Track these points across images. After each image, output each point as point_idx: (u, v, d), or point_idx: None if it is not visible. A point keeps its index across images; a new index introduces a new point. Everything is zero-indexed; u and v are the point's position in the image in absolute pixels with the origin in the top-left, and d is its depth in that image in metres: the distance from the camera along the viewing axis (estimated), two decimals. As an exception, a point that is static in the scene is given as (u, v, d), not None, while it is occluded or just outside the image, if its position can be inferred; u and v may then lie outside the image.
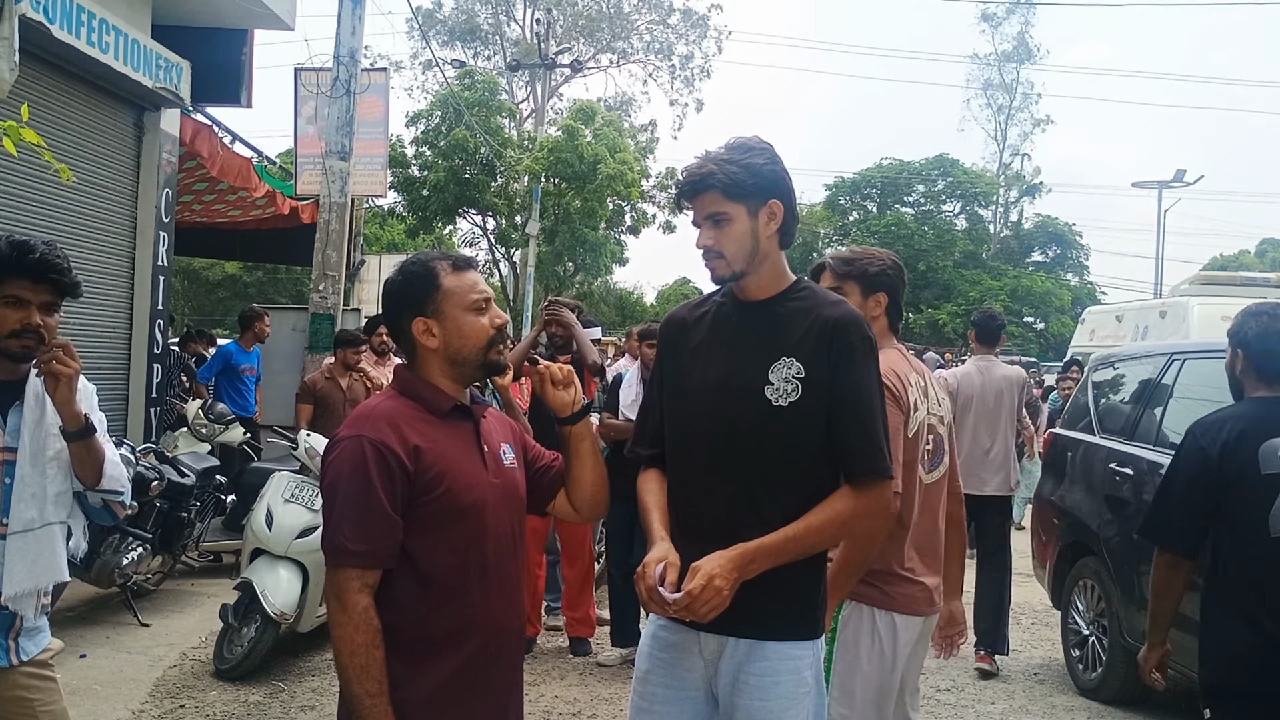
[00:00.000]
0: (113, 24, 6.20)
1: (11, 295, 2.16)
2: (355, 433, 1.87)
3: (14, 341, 2.16)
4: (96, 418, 2.33)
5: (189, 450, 6.71)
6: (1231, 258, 39.27)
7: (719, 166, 2.03)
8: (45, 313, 2.20)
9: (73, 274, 2.24)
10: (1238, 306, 3.41)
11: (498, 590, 1.96)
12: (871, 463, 2.00)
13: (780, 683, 2.01)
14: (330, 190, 8.18)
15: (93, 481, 2.29)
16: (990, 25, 35.45)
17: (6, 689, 2.19)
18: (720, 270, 2.09)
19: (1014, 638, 5.92)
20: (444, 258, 2.01)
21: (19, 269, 2.16)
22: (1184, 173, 25.93)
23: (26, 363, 2.22)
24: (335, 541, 1.82)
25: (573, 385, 2.11)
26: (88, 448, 2.26)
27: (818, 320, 2.02)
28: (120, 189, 6.91)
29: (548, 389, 2.10)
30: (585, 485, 2.13)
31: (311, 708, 4.41)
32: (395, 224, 25.22)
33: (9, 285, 2.16)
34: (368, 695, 1.78)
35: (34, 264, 2.17)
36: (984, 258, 32.93)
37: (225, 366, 8.29)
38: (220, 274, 25.70)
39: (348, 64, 8.08)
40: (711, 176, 2.03)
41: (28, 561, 2.18)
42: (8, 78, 4.64)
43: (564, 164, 20.96)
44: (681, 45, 33.05)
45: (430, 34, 31.87)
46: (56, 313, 2.24)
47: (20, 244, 2.18)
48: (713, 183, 2.03)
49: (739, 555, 1.92)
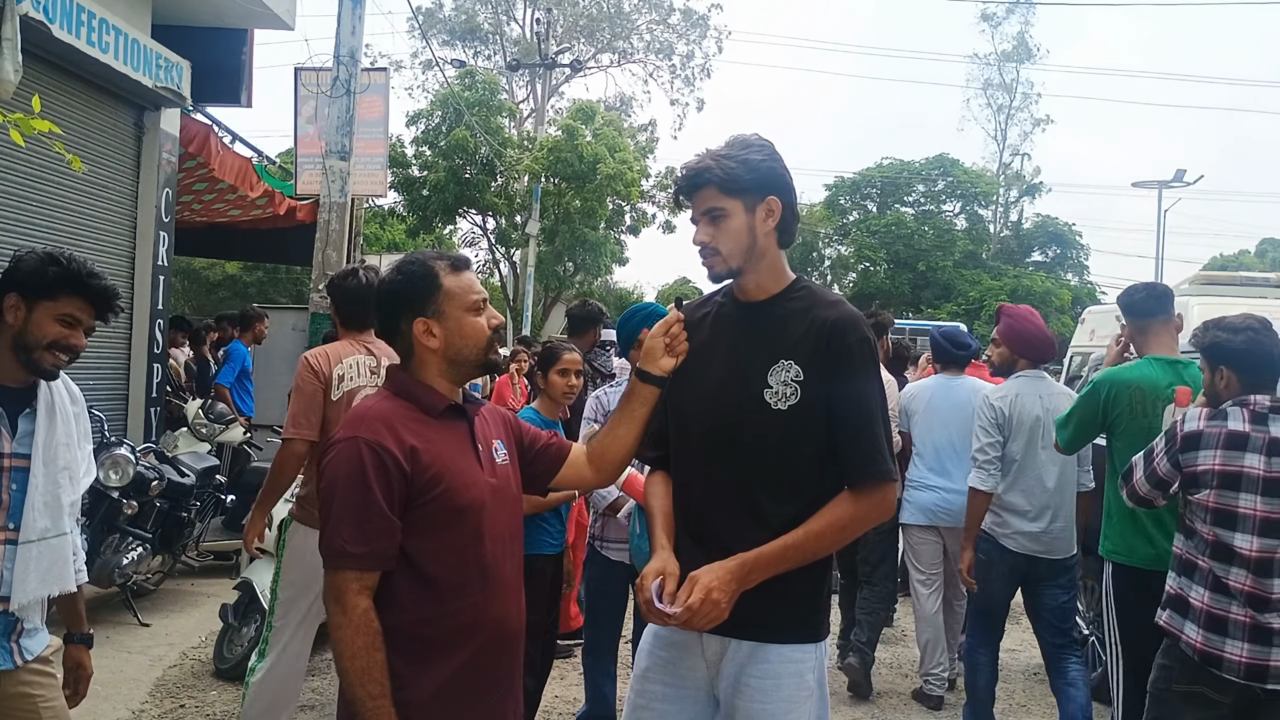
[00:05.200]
0: (113, 24, 6.21)
1: (69, 314, 2.18)
2: (351, 434, 1.87)
3: (48, 355, 2.16)
4: (84, 425, 2.35)
5: (189, 450, 6.72)
6: (1231, 258, 39.22)
7: (716, 162, 2.03)
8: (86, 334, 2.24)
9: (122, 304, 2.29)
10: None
11: (497, 590, 1.96)
12: (872, 466, 1.99)
13: (782, 685, 2.00)
14: (330, 190, 8.17)
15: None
16: (990, 25, 35.41)
17: (10, 686, 2.20)
18: (717, 267, 2.08)
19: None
20: (442, 258, 2.01)
21: (84, 290, 2.18)
22: (1184, 173, 25.87)
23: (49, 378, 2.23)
24: (334, 544, 1.82)
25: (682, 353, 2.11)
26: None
27: (815, 322, 2.01)
28: (120, 189, 6.91)
29: (657, 344, 2.09)
30: (625, 445, 2.15)
31: (311, 707, 4.41)
32: (395, 224, 25.19)
33: (66, 301, 2.17)
34: (370, 698, 1.78)
35: (99, 290, 2.20)
36: (984, 258, 32.89)
37: (241, 369, 8.32)
38: (220, 274, 25.67)
39: (348, 64, 8.07)
40: (708, 172, 2.03)
41: (41, 571, 2.18)
42: (11, 78, 4.64)
43: (564, 164, 20.95)
44: (682, 45, 33.08)
45: (430, 34, 31.86)
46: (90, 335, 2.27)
47: (84, 264, 2.20)
48: (709, 178, 2.03)
49: (737, 566, 1.91)
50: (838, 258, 35.18)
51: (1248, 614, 2.60)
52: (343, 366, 3.51)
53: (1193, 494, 2.74)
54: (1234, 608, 2.63)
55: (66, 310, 2.17)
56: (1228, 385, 2.81)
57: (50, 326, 2.15)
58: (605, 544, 3.89)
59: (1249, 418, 2.68)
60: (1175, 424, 2.84)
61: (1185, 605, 2.73)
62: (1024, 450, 4.11)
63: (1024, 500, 4.08)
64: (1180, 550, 2.81)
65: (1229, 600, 2.64)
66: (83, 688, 2.47)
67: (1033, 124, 36.05)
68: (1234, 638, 2.61)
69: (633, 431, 2.15)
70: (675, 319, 2.11)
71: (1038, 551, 4.05)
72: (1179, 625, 2.74)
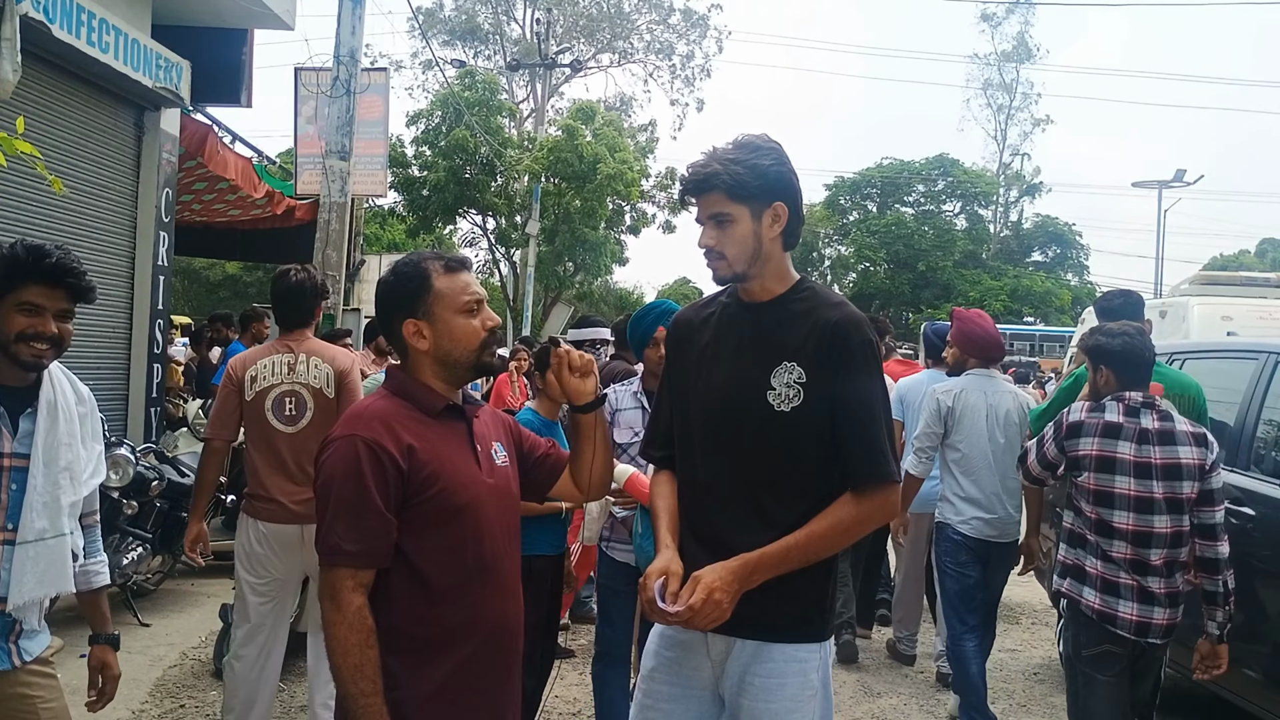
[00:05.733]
0: (113, 24, 6.21)
1: (27, 302, 2.12)
2: (348, 432, 1.87)
3: (24, 347, 2.12)
4: (93, 426, 2.35)
5: (189, 450, 6.71)
6: (1231, 258, 39.24)
7: (724, 166, 2.01)
8: (60, 320, 2.17)
9: (88, 278, 2.21)
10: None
11: (495, 589, 1.96)
12: (875, 468, 1.98)
13: (786, 685, 2.00)
14: (330, 190, 8.17)
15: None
16: (990, 25, 35.50)
17: (9, 687, 2.19)
18: (722, 271, 2.08)
19: (1014, 638, 5.94)
20: (437, 258, 2.00)
21: (35, 274, 2.13)
22: (1184, 173, 25.93)
23: (37, 371, 2.20)
24: (329, 541, 1.82)
25: (591, 375, 2.13)
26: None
27: (818, 324, 2.01)
28: (120, 189, 6.91)
29: (564, 375, 2.12)
30: (594, 469, 2.20)
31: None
32: (395, 224, 25.20)
33: (24, 291, 2.12)
34: (362, 695, 1.78)
35: (50, 269, 2.13)
36: (984, 257, 32.91)
37: None
38: (220, 274, 25.69)
39: (348, 64, 8.07)
40: (716, 177, 2.01)
41: (38, 572, 2.16)
42: (11, 79, 4.64)
43: (564, 164, 20.95)
44: (682, 45, 33.13)
45: (430, 34, 31.88)
46: (71, 319, 2.21)
47: (35, 248, 2.14)
48: (717, 183, 2.01)
49: (740, 566, 1.91)
50: (838, 258, 35.20)
51: (1133, 579, 3.03)
52: (256, 368, 3.66)
53: (1076, 476, 3.16)
54: (1121, 574, 3.05)
55: (25, 299, 2.12)
56: (1107, 382, 3.22)
57: (13, 318, 2.11)
58: (611, 545, 3.85)
59: (1123, 411, 3.10)
60: (1063, 414, 3.24)
61: (1083, 573, 3.13)
62: (971, 442, 4.35)
63: (975, 489, 4.34)
64: (1070, 525, 3.22)
65: (1116, 568, 3.05)
66: (109, 688, 2.46)
67: (1033, 124, 36.13)
68: (1125, 599, 3.03)
69: (591, 454, 2.18)
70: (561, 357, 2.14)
71: (992, 536, 4.32)
72: (1078, 591, 3.13)
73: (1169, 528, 3.00)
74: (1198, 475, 3.04)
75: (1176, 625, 3.05)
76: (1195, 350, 5.05)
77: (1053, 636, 5.80)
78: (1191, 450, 3.05)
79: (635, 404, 3.65)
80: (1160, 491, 3.01)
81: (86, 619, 2.49)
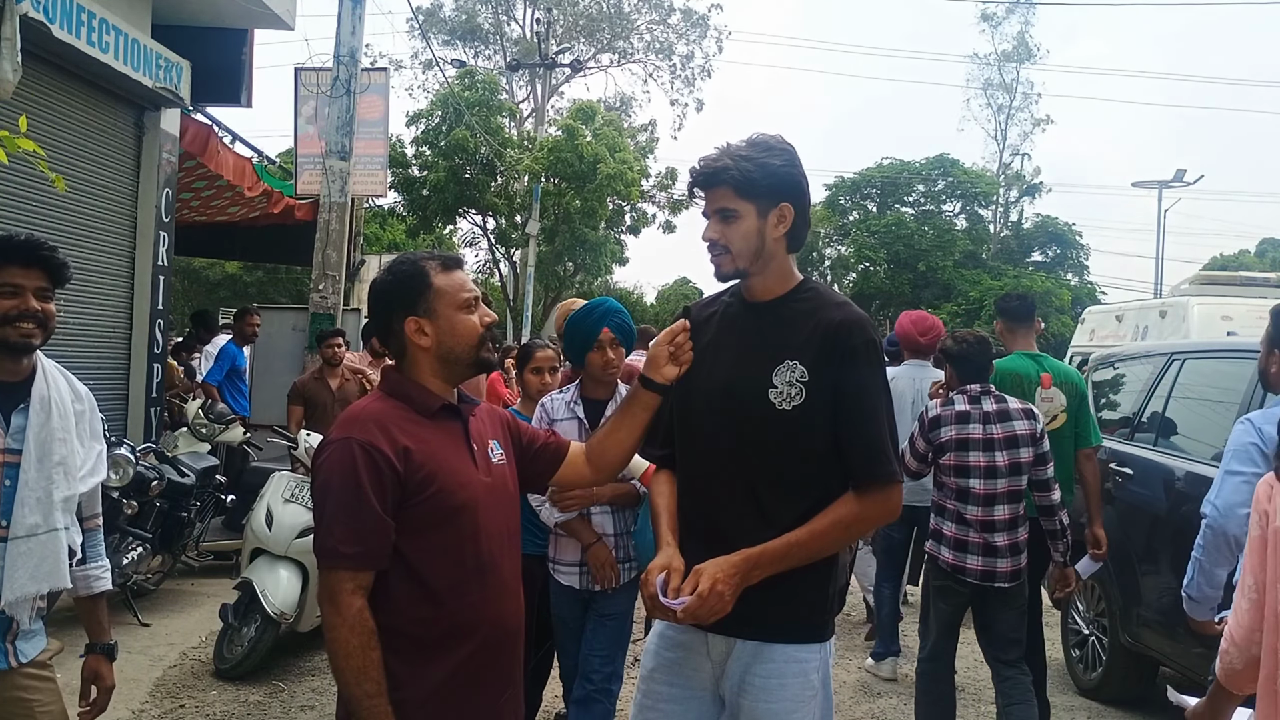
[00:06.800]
0: (113, 24, 6.20)
1: (5, 284, 2.14)
2: (344, 435, 1.87)
3: (11, 329, 2.13)
4: (91, 424, 2.35)
5: (189, 450, 6.71)
6: (1231, 258, 39.19)
7: (734, 162, 2.02)
8: (40, 299, 2.18)
9: (60, 255, 2.22)
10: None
11: (494, 589, 1.96)
12: (876, 468, 1.99)
13: (787, 685, 2.00)
14: (330, 190, 8.19)
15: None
16: (990, 25, 35.37)
17: (6, 690, 2.18)
18: (724, 266, 2.08)
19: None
20: (433, 257, 2.02)
21: (8, 256, 2.15)
22: (1184, 173, 25.94)
23: (28, 354, 2.20)
24: (327, 544, 1.82)
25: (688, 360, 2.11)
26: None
27: (821, 323, 2.01)
28: (120, 189, 6.91)
29: (661, 352, 2.09)
30: (624, 447, 2.18)
31: (311, 707, 4.41)
32: (395, 224, 25.16)
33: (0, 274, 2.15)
34: (366, 696, 1.78)
35: (20, 246, 2.16)
36: (984, 258, 32.85)
37: (231, 367, 8.32)
38: (220, 274, 25.64)
39: (348, 64, 8.09)
40: (725, 172, 2.02)
41: (30, 567, 2.16)
42: (11, 79, 4.64)
43: (564, 164, 20.94)
44: (681, 45, 33.07)
45: (430, 33, 31.87)
46: (52, 299, 2.22)
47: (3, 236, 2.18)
48: (725, 178, 2.02)
49: (741, 560, 1.92)
50: (838, 258, 35.16)
51: (981, 537, 3.78)
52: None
53: (941, 458, 3.87)
54: (971, 534, 3.80)
55: (3, 281, 2.14)
56: (953, 378, 4.02)
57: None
58: (556, 567, 3.38)
59: (968, 399, 3.89)
60: (923, 412, 4.00)
61: (940, 535, 3.91)
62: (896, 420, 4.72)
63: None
64: (935, 498, 3.97)
65: (968, 529, 3.81)
66: (102, 700, 2.42)
67: (1033, 124, 36.02)
68: (972, 554, 3.81)
69: (633, 434, 2.17)
70: (681, 328, 2.12)
71: (919, 501, 4.64)
72: (937, 550, 3.92)
73: (1008, 487, 3.78)
74: (1030, 442, 3.79)
75: (1022, 570, 3.82)
76: (1196, 350, 5.05)
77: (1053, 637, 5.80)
78: (1024, 423, 3.82)
79: (569, 414, 3.32)
80: (1003, 460, 3.77)
81: (83, 626, 2.44)
